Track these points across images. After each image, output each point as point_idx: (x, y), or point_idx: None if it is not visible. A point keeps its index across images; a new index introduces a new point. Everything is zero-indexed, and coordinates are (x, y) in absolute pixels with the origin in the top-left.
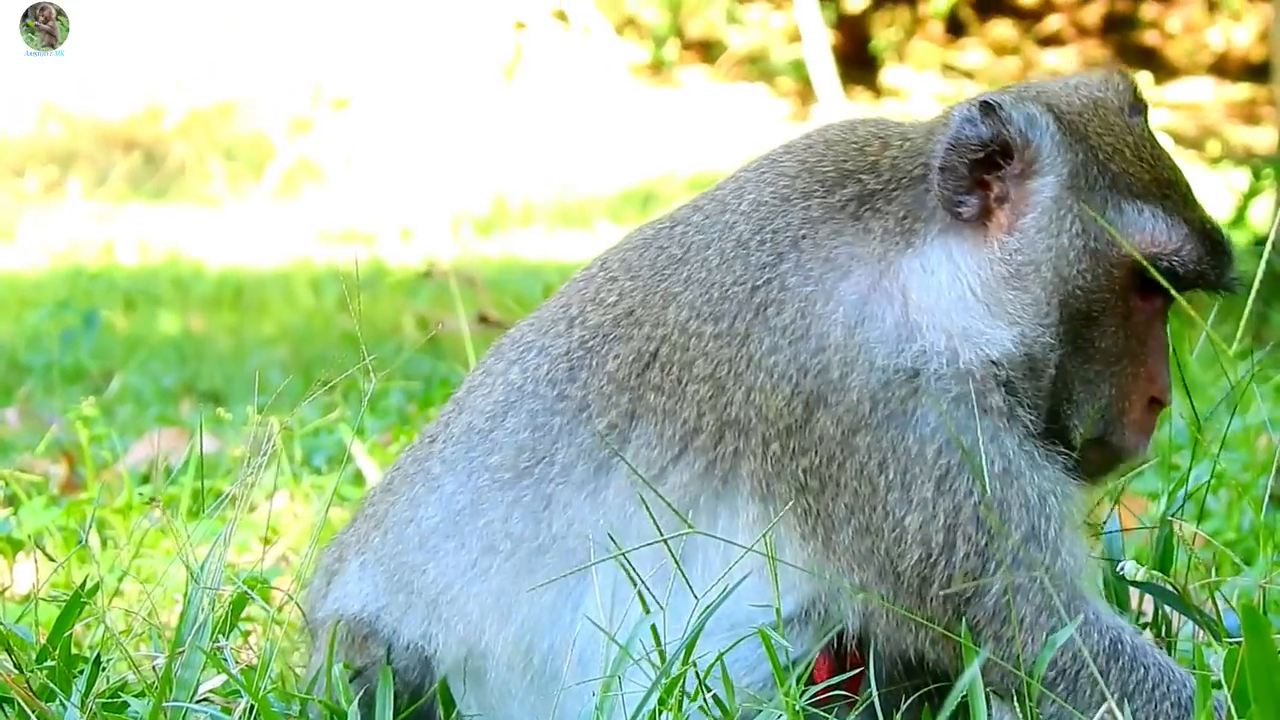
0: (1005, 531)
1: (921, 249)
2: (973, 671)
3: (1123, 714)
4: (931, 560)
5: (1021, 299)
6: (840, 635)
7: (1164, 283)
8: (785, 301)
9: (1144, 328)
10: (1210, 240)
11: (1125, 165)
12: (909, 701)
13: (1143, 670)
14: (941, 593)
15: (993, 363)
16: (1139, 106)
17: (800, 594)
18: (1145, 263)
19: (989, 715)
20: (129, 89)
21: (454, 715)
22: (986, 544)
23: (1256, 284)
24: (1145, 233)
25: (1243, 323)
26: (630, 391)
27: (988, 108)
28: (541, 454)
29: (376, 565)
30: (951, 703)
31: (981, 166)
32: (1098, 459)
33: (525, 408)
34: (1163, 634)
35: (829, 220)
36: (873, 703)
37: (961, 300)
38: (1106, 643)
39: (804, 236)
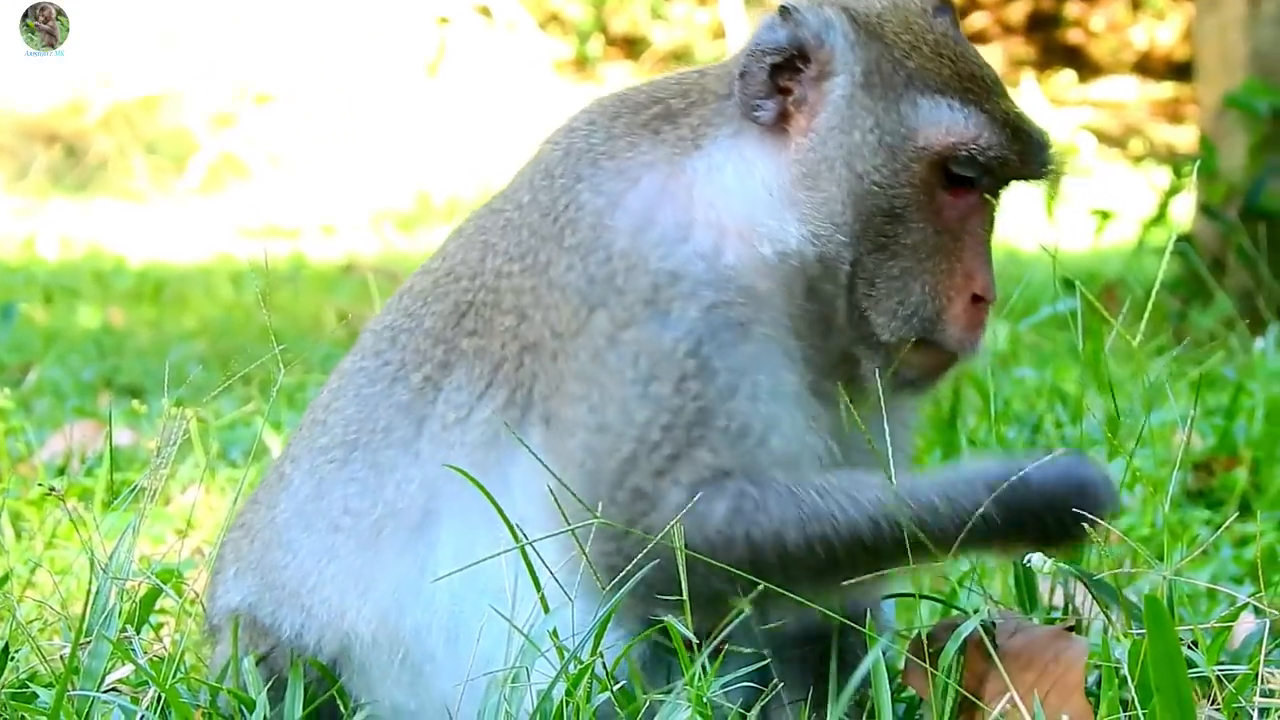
0: (710, 444)
1: (710, 149)
2: (875, 654)
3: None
4: (634, 456)
5: (814, 198)
6: None
7: (962, 172)
8: (579, 220)
9: (957, 224)
10: (1013, 127)
11: (923, 61)
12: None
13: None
14: (631, 487)
15: (767, 264)
16: (944, 8)
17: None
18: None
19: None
20: (51, 82)
21: (350, 706)
22: (687, 450)
23: (1159, 279)
24: (941, 124)
25: (1145, 317)
26: (445, 343)
27: (785, 13)
28: (367, 424)
29: (248, 571)
30: (853, 684)
31: (781, 72)
32: (926, 361)
33: (353, 384)
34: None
35: (628, 136)
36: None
37: (748, 196)
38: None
39: (602, 154)
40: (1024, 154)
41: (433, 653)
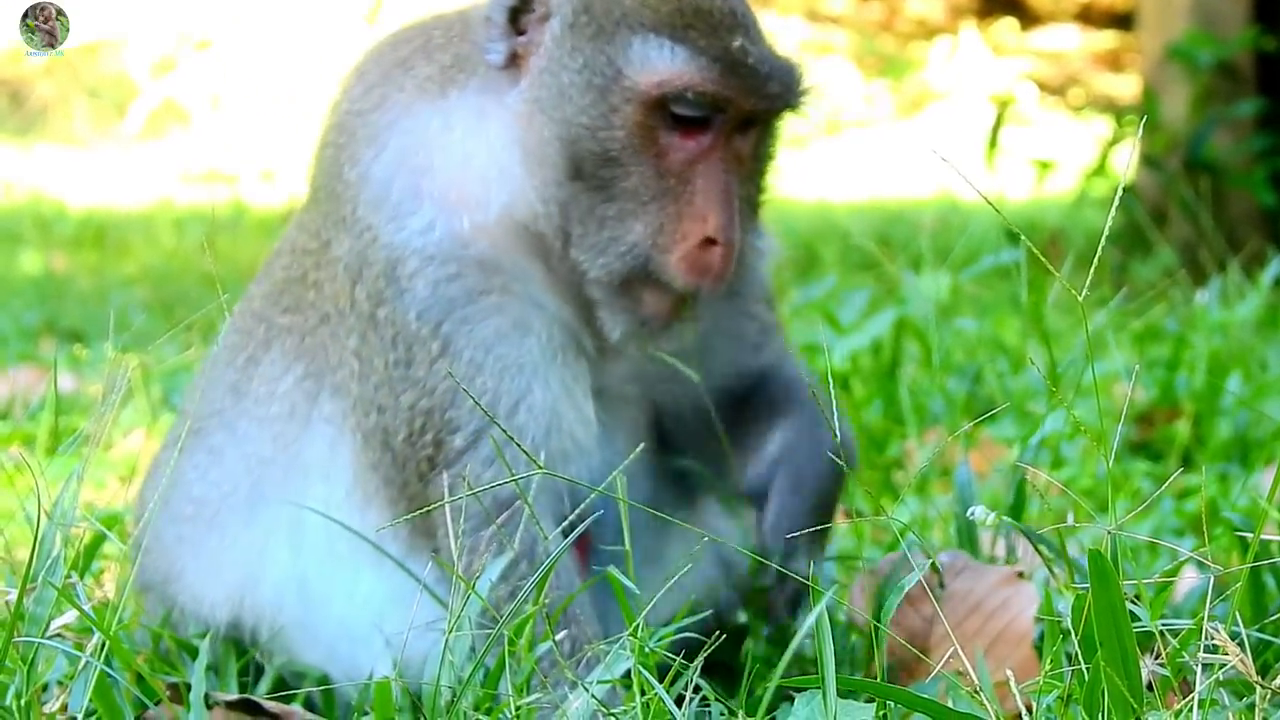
0: (453, 427)
1: (453, 98)
2: (820, 608)
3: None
4: (412, 440)
5: (529, 141)
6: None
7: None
8: (343, 194)
9: (687, 166)
10: (729, 62)
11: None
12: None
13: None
14: (415, 476)
15: (489, 228)
16: None
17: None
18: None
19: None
20: None
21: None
22: (445, 434)
23: (1105, 231)
24: (647, 64)
25: (1093, 266)
26: (265, 321)
27: None
28: (206, 409)
29: (138, 552)
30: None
31: (520, 15)
32: (657, 300)
33: (204, 371)
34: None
35: (381, 86)
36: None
37: (470, 156)
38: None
39: (357, 115)
40: (744, 89)
41: (295, 621)
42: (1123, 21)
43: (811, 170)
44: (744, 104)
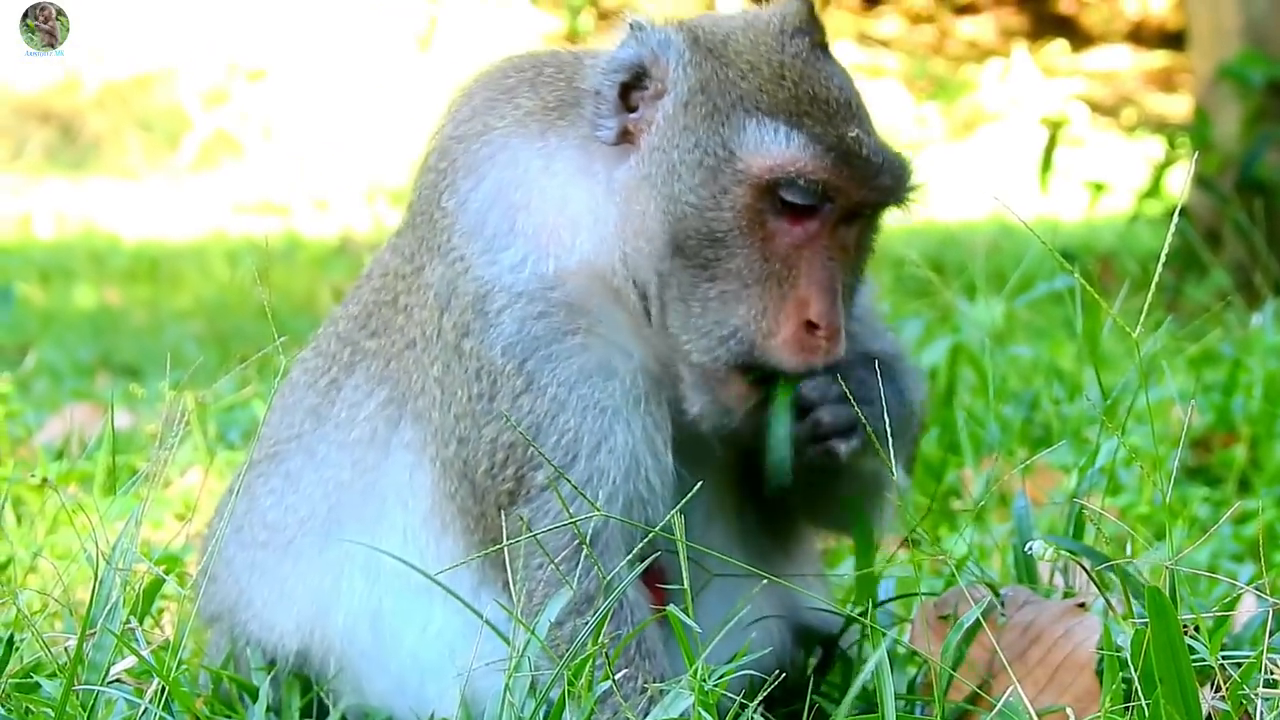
0: (537, 463)
1: (554, 142)
2: (879, 654)
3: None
4: (492, 473)
5: (632, 212)
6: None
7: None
8: (440, 222)
9: (793, 251)
10: (842, 152)
11: (760, 82)
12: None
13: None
14: (494, 508)
15: (580, 276)
16: (805, 30)
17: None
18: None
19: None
20: (44, 60)
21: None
22: (527, 470)
23: (1164, 255)
24: (762, 148)
25: (1149, 295)
26: (351, 344)
27: (633, 29)
28: (284, 433)
29: (206, 579)
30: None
31: (631, 90)
32: (744, 390)
33: (281, 397)
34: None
35: (484, 113)
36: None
37: (571, 205)
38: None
39: (460, 143)
40: (856, 180)
41: (365, 652)
42: (1174, 41)
43: None
44: (854, 194)
